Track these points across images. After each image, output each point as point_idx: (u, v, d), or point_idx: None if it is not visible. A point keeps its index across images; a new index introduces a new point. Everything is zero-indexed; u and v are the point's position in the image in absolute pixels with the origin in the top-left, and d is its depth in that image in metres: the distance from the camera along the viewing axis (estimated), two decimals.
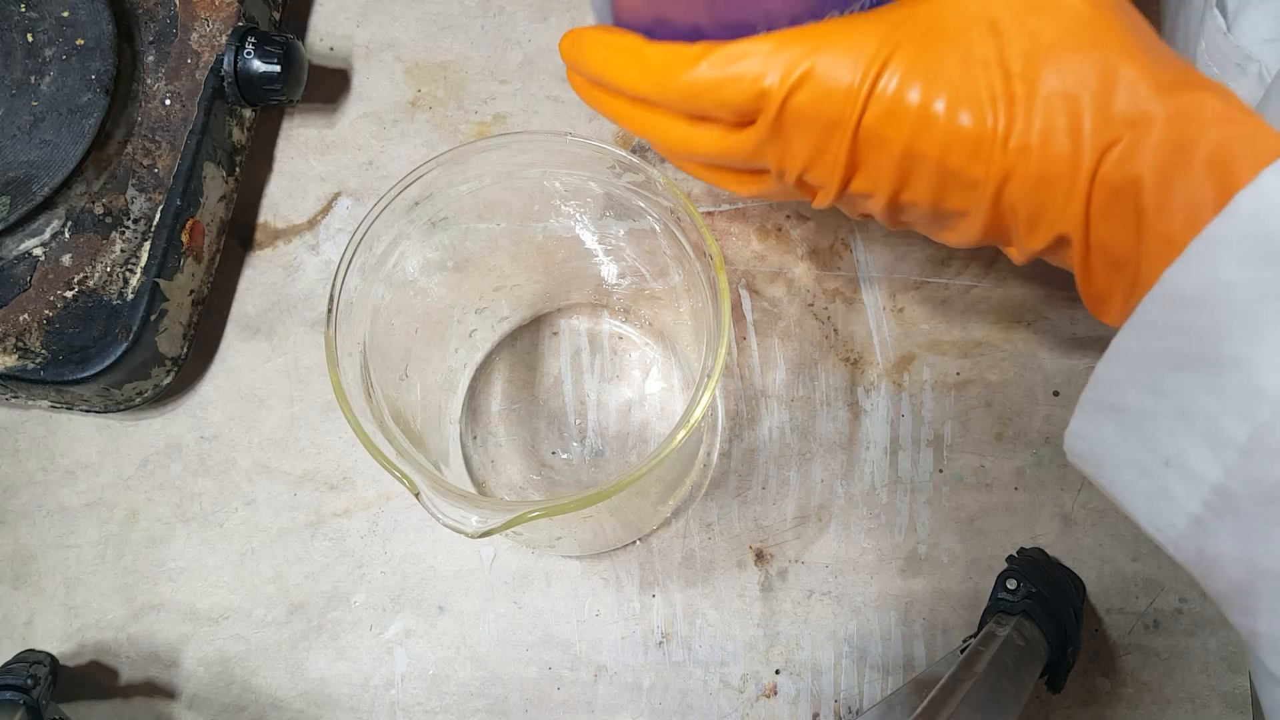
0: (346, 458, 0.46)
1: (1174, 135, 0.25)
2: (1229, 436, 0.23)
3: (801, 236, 0.47)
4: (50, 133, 0.42)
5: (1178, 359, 0.23)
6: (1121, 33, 0.27)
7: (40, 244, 0.43)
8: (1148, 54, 0.26)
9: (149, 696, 0.44)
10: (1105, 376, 0.26)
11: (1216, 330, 0.22)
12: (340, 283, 0.33)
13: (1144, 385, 0.25)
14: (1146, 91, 0.26)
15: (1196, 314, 0.23)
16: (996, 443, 0.45)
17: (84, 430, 0.47)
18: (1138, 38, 0.27)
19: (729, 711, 0.43)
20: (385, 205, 0.34)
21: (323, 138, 0.49)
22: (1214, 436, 0.23)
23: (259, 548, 0.45)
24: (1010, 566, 0.42)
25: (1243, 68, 0.36)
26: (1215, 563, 0.24)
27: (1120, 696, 0.43)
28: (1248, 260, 0.22)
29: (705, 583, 0.44)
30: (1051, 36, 0.27)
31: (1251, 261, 0.22)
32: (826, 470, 0.45)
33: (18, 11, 0.43)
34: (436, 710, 0.44)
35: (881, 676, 0.43)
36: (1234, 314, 0.22)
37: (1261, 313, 0.22)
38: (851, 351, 0.46)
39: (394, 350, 0.38)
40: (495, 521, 0.30)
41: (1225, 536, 0.24)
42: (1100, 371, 0.26)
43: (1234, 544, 0.23)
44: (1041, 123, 0.26)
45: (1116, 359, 0.25)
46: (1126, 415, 0.25)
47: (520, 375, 0.46)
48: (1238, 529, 0.23)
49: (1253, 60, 0.36)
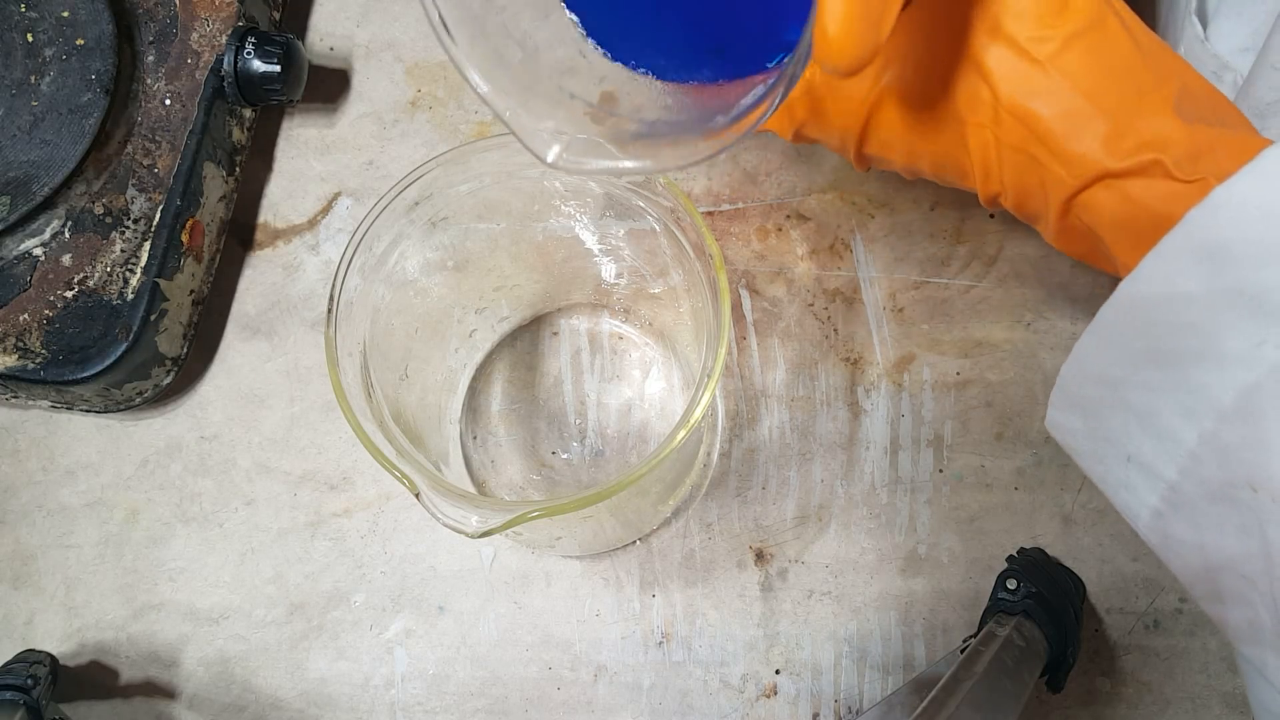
0: (346, 458, 0.46)
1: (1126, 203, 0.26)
2: (1180, 439, 0.24)
3: (801, 236, 0.47)
4: (50, 133, 0.42)
5: (1133, 364, 0.25)
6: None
7: (40, 244, 0.43)
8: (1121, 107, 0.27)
9: (149, 696, 0.44)
10: (1069, 375, 0.27)
11: (1167, 340, 0.24)
12: (340, 283, 0.33)
13: (1104, 387, 0.26)
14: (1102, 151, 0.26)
15: (1149, 323, 0.24)
16: (996, 443, 0.45)
17: (84, 430, 0.47)
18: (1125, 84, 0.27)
19: (729, 711, 0.43)
20: (385, 205, 0.34)
21: (323, 138, 0.49)
22: (1167, 439, 0.24)
23: (259, 548, 0.45)
24: (1010, 566, 0.42)
25: (1219, 76, 0.36)
26: (1177, 553, 0.26)
27: (1120, 696, 0.43)
28: (1197, 274, 0.23)
29: (705, 583, 0.44)
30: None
31: (1200, 275, 0.23)
32: (826, 470, 0.45)
33: (18, 11, 0.43)
34: (436, 710, 0.43)
35: (881, 676, 0.43)
36: (1182, 325, 0.23)
37: (1207, 324, 0.23)
38: (851, 351, 0.46)
39: (394, 350, 0.38)
40: (495, 521, 0.30)
41: (1183, 529, 0.25)
42: (1065, 370, 0.27)
43: (1190, 536, 0.25)
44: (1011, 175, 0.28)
45: (1078, 360, 0.27)
46: (1089, 413, 0.27)
47: (520, 375, 0.46)
48: (1192, 524, 0.25)
49: (1229, 69, 0.36)
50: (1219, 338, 0.23)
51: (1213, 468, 0.24)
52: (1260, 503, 0.23)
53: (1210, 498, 0.24)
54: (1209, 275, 0.23)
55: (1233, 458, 0.23)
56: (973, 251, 0.46)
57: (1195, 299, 0.23)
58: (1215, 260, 0.23)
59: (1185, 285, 0.23)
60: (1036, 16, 0.26)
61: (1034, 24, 0.26)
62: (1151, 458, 0.25)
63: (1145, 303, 0.24)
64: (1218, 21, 0.37)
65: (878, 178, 0.47)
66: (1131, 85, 0.26)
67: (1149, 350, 0.24)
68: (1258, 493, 0.23)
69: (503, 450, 0.46)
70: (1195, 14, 0.37)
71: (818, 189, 0.47)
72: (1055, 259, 0.46)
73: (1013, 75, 0.26)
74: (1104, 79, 0.26)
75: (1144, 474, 0.25)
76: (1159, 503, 0.25)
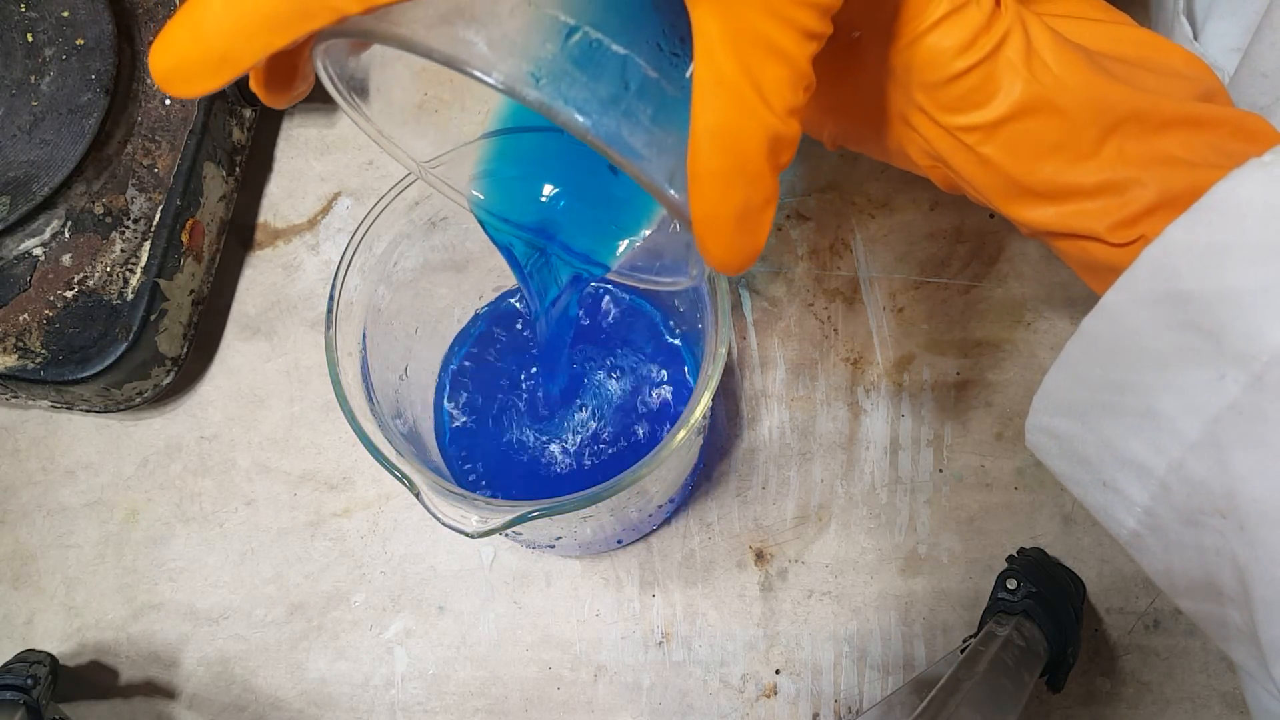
0: (346, 458, 0.46)
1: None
2: (1149, 469, 0.24)
3: (801, 236, 0.47)
4: (50, 133, 0.42)
5: (1099, 398, 0.25)
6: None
7: (40, 244, 0.43)
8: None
9: (149, 696, 0.44)
10: (1040, 407, 0.27)
11: (1132, 374, 0.24)
12: (340, 283, 0.33)
13: (1075, 417, 0.26)
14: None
15: (1114, 358, 0.25)
16: (996, 443, 0.45)
17: (84, 430, 0.47)
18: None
19: (729, 711, 0.43)
20: (385, 205, 0.34)
21: (323, 138, 0.49)
22: (1138, 468, 0.25)
23: (259, 548, 0.45)
24: (1010, 566, 0.42)
25: None
26: (1156, 571, 0.27)
27: (1120, 696, 0.43)
28: (1154, 312, 0.23)
29: (705, 583, 0.44)
30: None
31: (1157, 313, 0.23)
32: (826, 470, 0.45)
33: (18, 11, 0.43)
34: (436, 710, 0.43)
35: (881, 676, 0.43)
36: (1145, 360, 0.24)
37: (1169, 359, 0.23)
38: (851, 351, 0.46)
39: (394, 350, 0.38)
40: (495, 521, 0.30)
41: (1159, 550, 0.26)
42: (1037, 400, 0.27)
43: (1166, 557, 0.26)
44: None
45: (1048, 394, 0.27)
46: (1064, 440, 0.27)
47: None
48: (1166, 546, 0.25)
49: (1219, 69, 0.36)
50: (1181, 373, 0.23)
51: (1183, 496, 0.24)
52: (1229, 529, 0.23)
53: (1183, 522, 0.24)
54: (1166, 313, 0.23)
55: (1201, 488, 0.24)
56: (973, 251, 0.46)
57: (1155, 335, 0.23)
58: (1171, 299, 0.23)
59: (1144, 322, 0.24)
60: (953, 104, 0.24)
61: (953, 114, 0.25)
62: (1125, 484, 0.25)
63: (1109, 338, 0.25)
64: (1209, 22, 0.37)
65: (878, 178, 0.47)
66: (1066, 152, 0.25)
67: (1116, 384, 0.25)
68: (1227, 519, 0.23)
69: None
70: (1184, 15, 0.37)
71: (818, 189, 0.47)
72: (1055, 259, 0.46)
73: (946, 150, 0.26)
74: (1032, 159, 0.25)
75: (1119, 499, 0.26)
76: (1136, 525, 0.26)
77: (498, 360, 0.42)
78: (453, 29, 0.21)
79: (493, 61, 0.20)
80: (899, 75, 0.25)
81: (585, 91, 0.21)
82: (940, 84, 0.24)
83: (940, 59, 0.24)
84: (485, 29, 0.21)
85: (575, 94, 0.21)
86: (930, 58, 0.24)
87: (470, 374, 0.42)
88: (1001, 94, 0.24)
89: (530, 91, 0.21)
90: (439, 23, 0.21)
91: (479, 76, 0.20)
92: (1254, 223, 0.22)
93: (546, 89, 0.21)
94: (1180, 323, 0.23)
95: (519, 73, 0.21)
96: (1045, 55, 0.24)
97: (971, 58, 0.24)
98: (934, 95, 0.25)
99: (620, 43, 0.22)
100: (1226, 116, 0.25)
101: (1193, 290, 0.23)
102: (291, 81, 0.24)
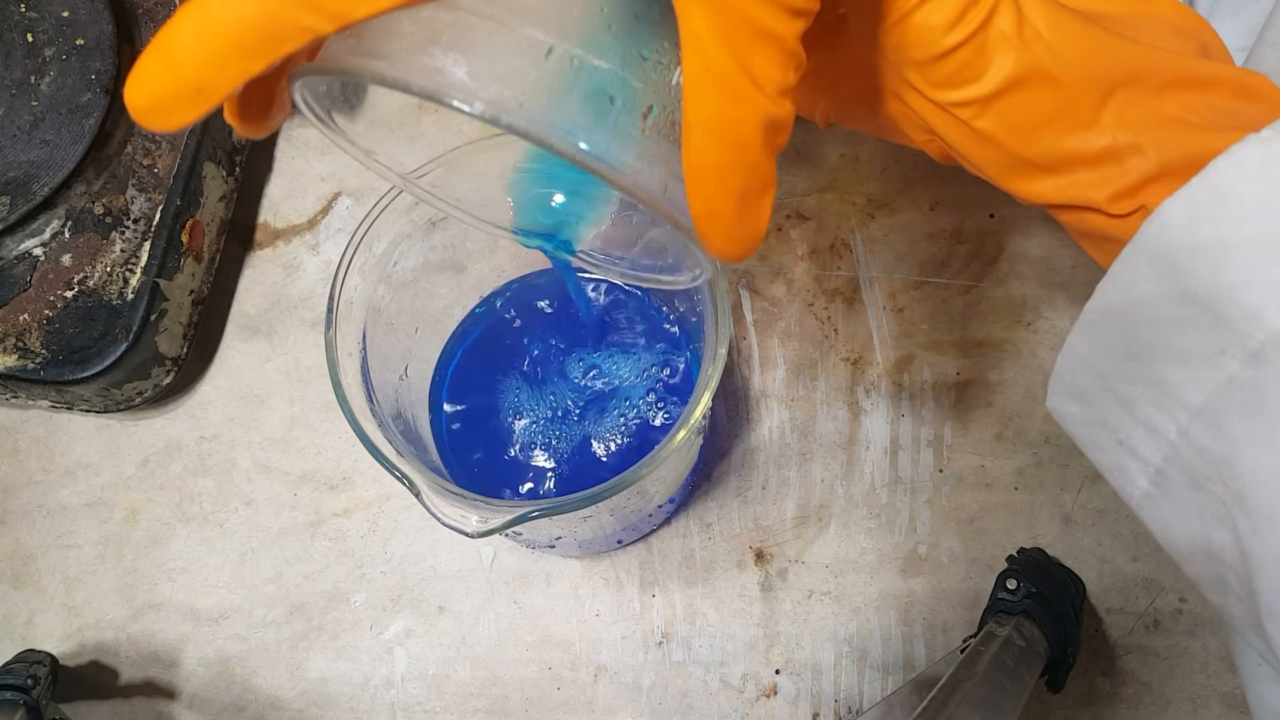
0: (346, 458, 0.46)
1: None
2: (1161, 431, 0.25)
3: (801, 236, 0.47)
4: (50, 133, 0.42)
5: (1116, 360, 0.26)
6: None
7: (40, 244, 0.43)
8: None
9: (149, 696, 0.44)
10: (1064, 365, 0.28)
11: (1142, 340, 0.25)
12: (340, 283, 0.33)
13: (1094, 377, 0.27)
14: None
15: (1125, 325, 0.25)
16: (996, 443, 0.45)
17: (84, 430, 0.47)
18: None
19: (729, 711, 0.43)
20: (385, 205, 0.34)
21: (323, 138, 0.49)
22: (1151, 430, 0.25)
23: (259, 548, 0.45)
24: (1010, 566, 0.42)
25: None
26: (1165, 534, 0.26)
27: (1120, 696, 0.43)
28: (1158, 283, 0.24)
29: (705, 583, 0.44)
30: None
31: (1161, 284, 0.24)
32: (826, 470, 0.45)
33: (18, 11, 0.43)
34: (436, 710, 0.43)
35: (881, 676, 0.43)
36: (1152, 328, 0.24)
37: (1172, 330, 0.24)
38: (851, 351, 0.46)
39: (394, 350, 0.38)
40: (495, 521, 0.30)
41: (1169, 513, 0.26)
42: (1060, 361, 0.28)
43: (1175, 520, 0.26)
44: None
45: (1070, 353, 0.27)
46: (1085, 400, 0.27)
47: None
48: (1177, 508, 0.25)
49: None
50: (1184, 342, 0.23)
51: (1191, 459, 0.24)
52: (1230, 497, 0.23)
53: (1192, 486, 0.25)
54: (1169, 284, 0.23)
55: (1205, 454, 0.24)
56: (973, 251, 0.46)
57: (1160, 305, 0.24)
58: (1173, 270, 0.23)
59: (1149, 292, 0.24)
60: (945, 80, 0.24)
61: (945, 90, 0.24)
62: (1139, 444, 0.26)
63: (1119, 306, 0.25)
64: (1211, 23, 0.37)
65: (878, 178, 0.47)
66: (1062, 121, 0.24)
67: (1128, 349, 0.25)
68: (1228, 488, 0.23)
69: None
70: None
71: (818, 189, 0.47)
72: (1055, 259, 0.46)
73: (940, 125, 0.25)
74: (1029, 132, 0.24)
75: (1134, 458, 0.26)
76: (1148, 485, 0.26)
77: (498, 360, 0.42)
78: (430, 59, 0.20)
79: (474, 91, 0.20)
80: (888, 53, 0.25)
81: (569, 112, 0.21)
82: (930, 61, 0.24)
83: (929, 36, 0.23)
84: (464, 55, 0.20)
85: (559, 116, 0.21)
86: (919, 35, 0.23)
87: (470, 374, 0.42)
88: (994, 67, 0.24)
89: (513, 119, 0.20)
90: (415, 51, 0.20)
91: (460, 108, 0.20)
92: (1249, 202, 0.22)
93: (530, 113, 0.20)
94: (1181, 296, 0.23)
95: (500, 99, 0.20)
96: (1037, 23, 0.24)
97: (961, 32, 0.23)
98: (925, 72, 0.24)
99: (601, 57, 0.21)
100: (1228, 76, 0.25)
101: (1191, 267, 0.23)
102: (268, 110, 0.24)
